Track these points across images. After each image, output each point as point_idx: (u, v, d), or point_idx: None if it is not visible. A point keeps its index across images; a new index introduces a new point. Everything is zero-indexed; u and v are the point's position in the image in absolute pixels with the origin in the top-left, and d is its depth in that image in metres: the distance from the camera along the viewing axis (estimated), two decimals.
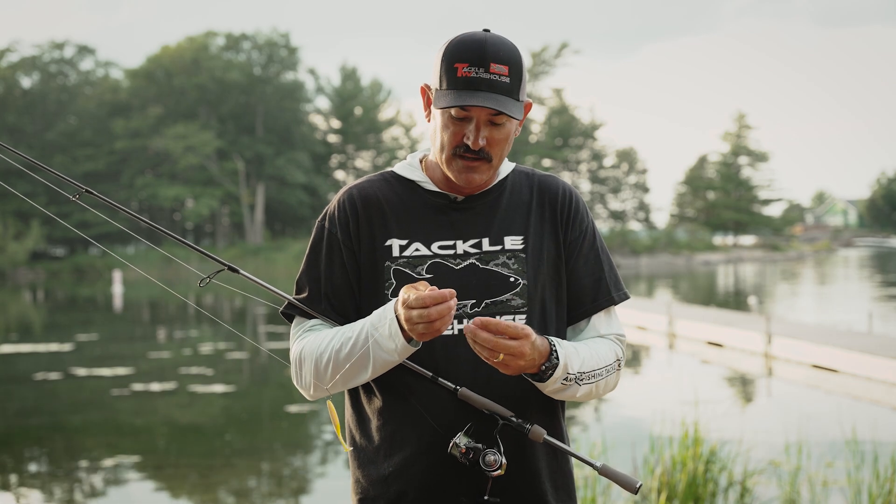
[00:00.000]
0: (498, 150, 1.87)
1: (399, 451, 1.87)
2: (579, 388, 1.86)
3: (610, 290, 1.99)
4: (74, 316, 25.73)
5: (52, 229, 55.69)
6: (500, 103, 1.80)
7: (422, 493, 1.86)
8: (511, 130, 1.88)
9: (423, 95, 1.95)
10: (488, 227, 1.93)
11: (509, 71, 1.82)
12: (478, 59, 1.80)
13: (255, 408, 10.88)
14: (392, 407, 1.89)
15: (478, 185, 1.90)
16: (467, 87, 1.80)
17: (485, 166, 1.87)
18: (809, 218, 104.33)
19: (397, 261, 1.90)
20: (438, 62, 1.84)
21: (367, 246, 1.92)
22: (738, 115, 70.90)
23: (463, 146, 1.84)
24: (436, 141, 1.89)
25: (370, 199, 1.95)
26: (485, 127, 1.84)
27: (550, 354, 1.79)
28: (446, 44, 1.85)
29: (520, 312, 1.89)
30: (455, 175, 1.88)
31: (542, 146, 64.64)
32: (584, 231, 1.99)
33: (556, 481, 1.93)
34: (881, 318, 18.50)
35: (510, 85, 1.82)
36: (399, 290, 1.84)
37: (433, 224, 1.93)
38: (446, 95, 1.82)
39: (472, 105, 1.79)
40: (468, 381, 1.84)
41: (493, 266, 1.90)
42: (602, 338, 1.99)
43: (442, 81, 1.83)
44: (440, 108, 1.84)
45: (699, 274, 44.36)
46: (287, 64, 62.03)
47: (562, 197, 1.99)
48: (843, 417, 8.45)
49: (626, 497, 5.41)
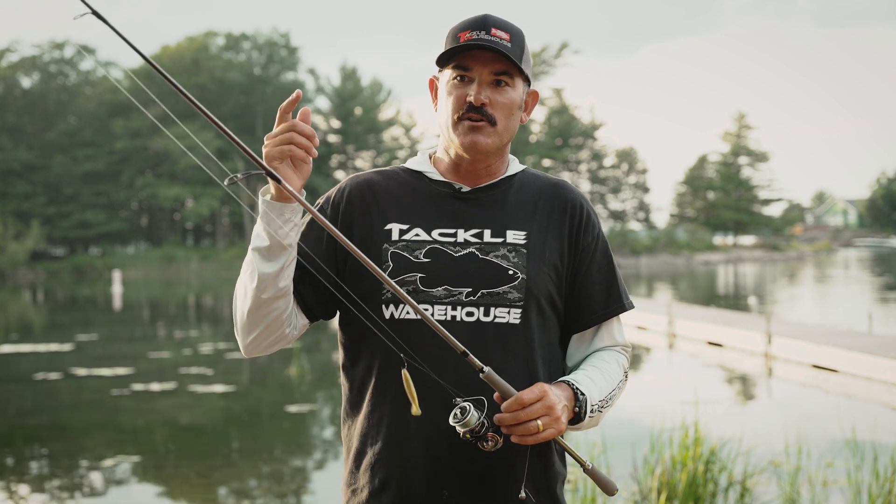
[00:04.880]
0: (501, 114, 1.86)
1: (384, 440, 1.85)
2: (601, 415, 1.88)
3: (621, 297, 1.99)
4: (74, 316, 25.73)
5: (51, 229, 55.71)
6: (502, 55, 1.82)
7: (404, 483, 1.84)
8: (515, 99, 1.88)
9: (431, 87, 1.96)
10: (492, 218, 1.92)
11: (511, 38, 1.84)
12: (479, 25, 1.84)
13: (255, 408, 10.88)
14: (381, 394, 1.87)
15: (483, 149, 1.87)
16: (468, 44, 1.83)
17: (489, 129, 1.86)
18: (809, 218, 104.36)
19: (396, 244, 1.89)
20: (443, 42, 1.88)
21: (364, 230, 1.91)
22: (738, 115, 70.98)
23: (466, 105, 1.84)
24: (443, 116, 1.90)
25: (372, 185, 1.96)
26: (487, 87, 1.85)
27: (575, 394, 1.80)
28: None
29: (516, 306, 1.87)
30: (461, 139, 1.86)
31: (542, 146, 64.63)
32: (596, 238, 1.98)
33: (538, 483, 1.88)
34: (881, 319, 18.50)
35: (512, 48, 1.84)
36: (395, 273, 1.85)
37: (436, 212, 1.92)
38: (447, 54, 1.85)
39: (473, 45, 1.81)
40: (464, 371, 1.78)
41: (493, 257, 1.88)
42: (608, 350, 1.98)
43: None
44: (442, 68, 1.87)
45: (699, 274, 44.36)
46: (287, 64, 62.06)
47: (575, 204, 1.98)
48: (843, 417, 8.45)
49: (627, 497, 5.42)
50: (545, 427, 1.70)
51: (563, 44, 64.13)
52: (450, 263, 1.87)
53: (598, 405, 1.85)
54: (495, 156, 1.93)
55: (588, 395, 1.81)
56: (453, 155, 1.93)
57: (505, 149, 1.95)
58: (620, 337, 2.00)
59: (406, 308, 1.85)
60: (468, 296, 1.86)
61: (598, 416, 1.87)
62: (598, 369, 1.90)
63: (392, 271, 1.86)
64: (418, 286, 1.86)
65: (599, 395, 1.85)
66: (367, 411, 1.90)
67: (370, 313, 1.84)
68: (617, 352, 1.98)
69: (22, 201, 55.95)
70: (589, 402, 1.81)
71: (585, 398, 1.80)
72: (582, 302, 1.95)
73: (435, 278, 1.86)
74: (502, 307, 1.86)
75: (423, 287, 1.86)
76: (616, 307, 1.98)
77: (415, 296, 1.85)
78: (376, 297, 1.87)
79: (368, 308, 1.85)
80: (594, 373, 1.89)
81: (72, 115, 60.04)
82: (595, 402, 1.84)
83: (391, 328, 1.81)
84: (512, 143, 1.97)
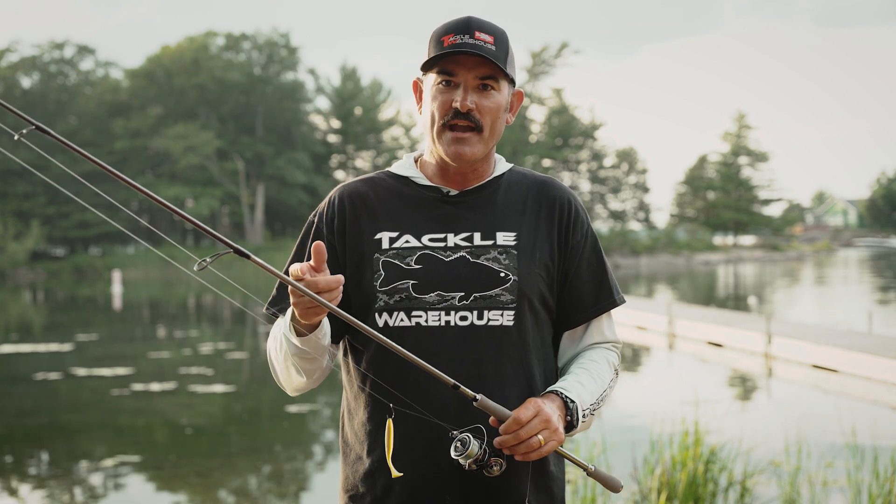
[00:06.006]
0: (488, 119, 1.85)
1: (384, 446, 1.84)
2: (594, 417, 1.89)
3: (612, 292, 1.99)
4: (74, 316, 25.72)
5: (51, 229, 55.70)
6: (486, 59, 1.81)
7: (406, 489, 1.83)
8: (501, 103, 1.87)
9: (416, 90, 1.95)
10: (481, 221, 1.91)
11: (495, 41, 1.83)
12: (462, 28, 1.83)
13: (255, 408, 10.88)
14: (379, 401, 1.86)
15: (468, 159, 1.86)
16: (453, 50, 1.82)
17: (475, 137, 1.85)
18: (809, 218, 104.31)
19: (386, 252, 1.88)
20: (427, 47, 1.87)
21: (355, 241, 1.91)
22: (738, 115, 70.94)
23: (452, 111, 1.83)
24: (427, 121, 1.88)
25: (360, 196, 1.95)
26: (473, 92, 1.84)
27: (564, 402, 1.80)
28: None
29: (508, 308, 1.86)
30: (445, 149, 1.86)
31: (542, 146, 64.60)
32: (585, 235, 1.98)
33: (540, 486, 1.88)
34: (881, 319, 18.50)
35: (496, 52, 1.83)
36: (387, 282, 1.86)
37: (424, 217, 1.91)
38: (432, 60, 1.84)
39: (457, 51, 1.80)
40: (460, 376, 1.79)
41: (484, 260, 1.88)
42: (597, 347, 1.98)
43: (430, 55, 1.86)
44: (426, 72, 1.86)
45: (699, 274, 44.36)
46: (287, 64, 62.02)
47: (563, 201, 1.97)
48: (843, 417, 8.45)
49: (627, 497, 5.42)
50: (546, 441, 1.72)
51: (563, 44, 64.08)
52: (441, 269, 1.87)
53: (589, 409, 1.85)
54: (481, 160, 1.92)
55: (578, 402, 1.82)
56: (439, 159, 1.92)
57: (491, 151, 1.94)
58: (611, 333, 2.00)
59: (399, 315, 1.85)
60: (461, 300, 1.85)
61: (591, 419, 1.88)
62: (587, 371, 1.90)
63: (384, 280, 1.87)
64: (411, 293, 1.85)
65: (590, 398, 1.86)
66: (364, 417, 1.90)
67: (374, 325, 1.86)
68: (607, 349, 1.98)
69: (22, 201, 55.94)
70: (580, 409, 1.82)
71: (576, 405, 1.81)
72: (573, 299, 1.95)
73: (427, 284, 1.86)
74: (496, 310, 1.86)
75: (415, 294, 1.85)
76: (607, 303, 1.98)
77: (408, 303, 1.85)
78: (370, 306, 1.87)
79: (363, 317, 1.85)
80: (583, 376, 1.89)
81: (72, 115, 60.01)
82: (586, 407, 1.84)
83: (386, 336, 1.78)
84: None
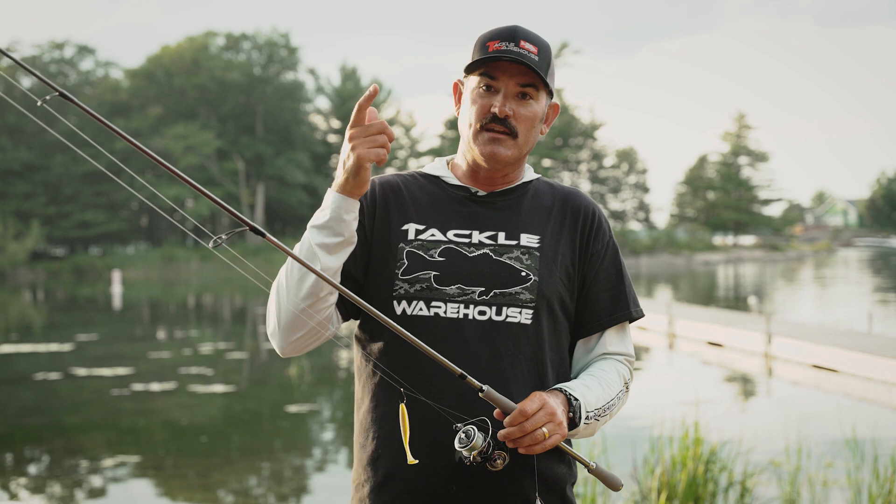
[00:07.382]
0: (524, 127, 1.90)
1: (388, 434, 1.86)
2: (598, 423, 1.89)
3: (629, 304, 2.00)
4: (74, 316, 25.71)
5: (51, 229, 55.70)
6: (528, 68, 1.85)
7: (409, 476, 1.84)
8: (538, 113, 1.91)
9: (455, 91, 2.00)
10: (506, 222, 1.95)
11: (539, 52, 1.88)
12: (509, 36, 1.87)
13: (255, 408, 10.87)
14: (384, 390, 1.88)
15: (502, 160, 1.91)
16: (497, 55, 1.86)
17: (510, 141, 1.90)
18: (809, 218, 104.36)
19: (412, 243, 1.92)
20: (471, 50, 1.91)
21: (383, 230, 1.94)
22: (739, 115, 71.01)
23: (490, 115, 1.88)
24: (465, 123, 1.93)
25: (392, 187, 1.99)
26: (512, 99, 1.88)
27: (568, 399, 1.81)
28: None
29: (527, 307, 1.89)
30: (481, 149, 1.90)
31: (542, 146, 64.61)
32: (606, 245, 2.00)
33: (548, 482, 1.89)
34: (881, 319, 18.50)
35: (539, 62, 1.87)
36: (409, 271, 1.88)
37: (452, 213, 1.95)
38: (475, 64, 1.88)
39: (501, 58, 1.84)
40: (475, 369, 1.82)
41: (507, 259, 1.92)
42: (609, 358, 1.98)
43: (473, 58, 1.89)
44: (468, 75, 1.90)
45: (699, 274, 44.36)
46: (287, 64, 62.04)
47: (587, 210, 2.01)
48: (843, 417, 8.45)
49: (627, 497, 5.42)
50: (551, 434, 1.73)
51: (563, 44, 64.12)
52: (464, 263, 1.91)
53: (593, 413, 1.85)
54: (513, 165, 1.96)
55: (582, 401, 1.82)
56: (471, 161, 1.96)
57: (523, 159, 1.98)
58: (623, 346, 2.00)
59: (419, 304, 1.88)
60: (481, 295, 1.89)
61: (595, 425, 1.88)
62: (595, 378, 1.91)
63: (406, 269, 1.90)
64: (432, 284, 1.89)
65: (596, 402, 1.86)
66: (371, 406, 1.92)
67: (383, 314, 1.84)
68: (619, 361, 1.98)
69: (22, 201, 55.95)
70: (584, 408, 1.82)
71: (579, 403, 1.81)
72: (588, 307, 1.97)
73: (449, 277, 1.89)
74: (514, 307, 1.89)
75: (436, 285, 1.89)
76: (622, 314, 1.98)
77: (428, 293, 1.88)
78: (388, 293, 1.90)
79: (380, 303, 1.88)
80: (590, 381, 1.89)
81: (72, 115, 60.04)
82: (591, 410, 1.84)
83: (402, 324, 1.81)
84: (537, 135, 1.99)
